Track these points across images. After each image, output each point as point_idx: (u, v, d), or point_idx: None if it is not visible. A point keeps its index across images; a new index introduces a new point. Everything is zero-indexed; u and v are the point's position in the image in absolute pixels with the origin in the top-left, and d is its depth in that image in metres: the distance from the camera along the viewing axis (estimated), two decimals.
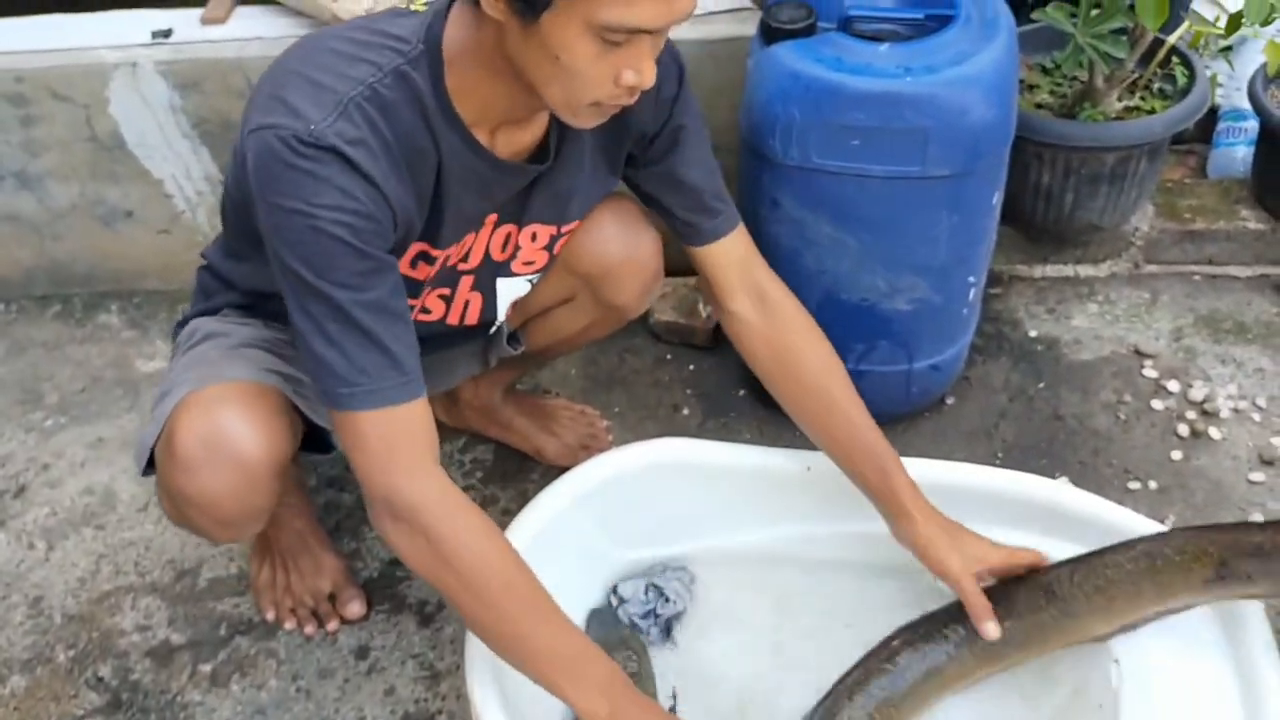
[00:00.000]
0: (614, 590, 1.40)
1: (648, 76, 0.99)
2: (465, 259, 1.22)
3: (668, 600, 1.39)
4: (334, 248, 0.99)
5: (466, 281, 1.25)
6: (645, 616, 1.39)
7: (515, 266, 1.27)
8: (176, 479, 1.14)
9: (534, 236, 1.26)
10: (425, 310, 1.25)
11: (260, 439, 1.15)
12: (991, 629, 1.18)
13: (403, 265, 1.14)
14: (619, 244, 1.34)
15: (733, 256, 1.29)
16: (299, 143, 0.97)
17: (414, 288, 1.18)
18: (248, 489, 1.16)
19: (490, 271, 1.26)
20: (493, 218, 1.20)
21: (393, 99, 1.02)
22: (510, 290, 1.30)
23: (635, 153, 1.26)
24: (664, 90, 1.19)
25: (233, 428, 1.13)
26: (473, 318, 1.29)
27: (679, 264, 1.45)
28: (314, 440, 1.28)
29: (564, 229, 1.28)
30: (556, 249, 1.30)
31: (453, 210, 1.13)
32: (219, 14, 1.81)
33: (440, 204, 1.12)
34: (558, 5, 0.93)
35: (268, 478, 1.17)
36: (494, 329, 1.40)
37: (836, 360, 1.29)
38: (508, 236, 1.24)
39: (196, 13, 1.83)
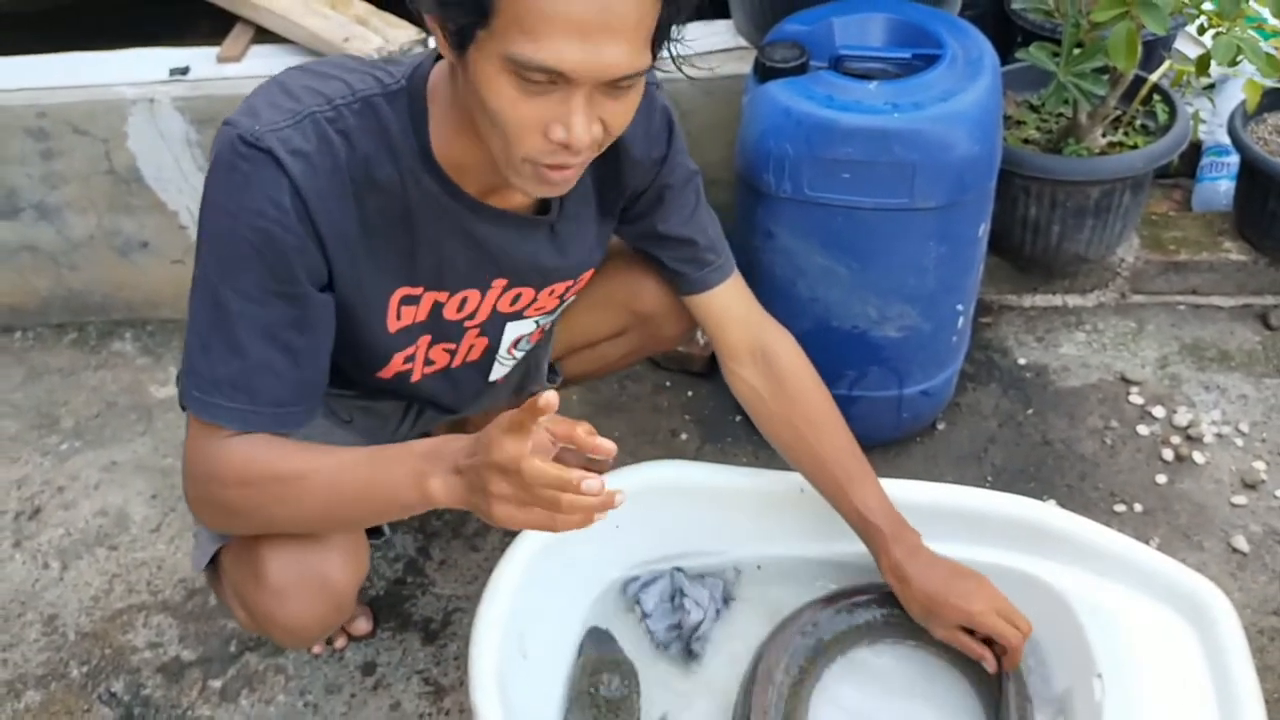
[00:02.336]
0: (637, 601, 1.41)
1: (576, 133, 0.92)
2: (472, 316, 1.21)
3: (687, 611, 1.38)
4: (244, 253, 0.98)
5: (472, 333, 1.25)
6: (670, 630, 1.39)
7: (528, 313, 1.27)
8: (265, 603, 1.13)
9: (552, 291, 1.26)
10: (429, 362, 1.23)
11: (350, 564, 1.15)
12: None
13: (391, 320, 1.14)
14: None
15: (730, 311, 1.31)
16: (241, 142, 0.96)
17: (406, 338, 1.17)
18: (335, 613, 1.17)
19: (499, 321, 1.26)
20: (500, 282, 1.19)
21: (356, 125, 1.01)
22: (517, 330, 1.30)
23: (621, 205, 1.26)
24: (653, 151, 1.21)
25: (324, 560, 1.13)
26: (474, 356, 1.29)
27: None
28: None
29: (581, 277, 1.28)
30: (570, 295, 1.30)
31: (431, 254, 1.11)
32: (234, 52, 1.88)
33: (413, 246, 1.10)
34: (479, 39, 0.90)
35: (353, 598, 1.19)
36: (530, 367, 1.42)
37: (844, 433, 1.31)
38: (518, 295, 1.22)
39: (213, 51, 1.90)
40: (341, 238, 1.03)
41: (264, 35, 1.92)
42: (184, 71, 1.86)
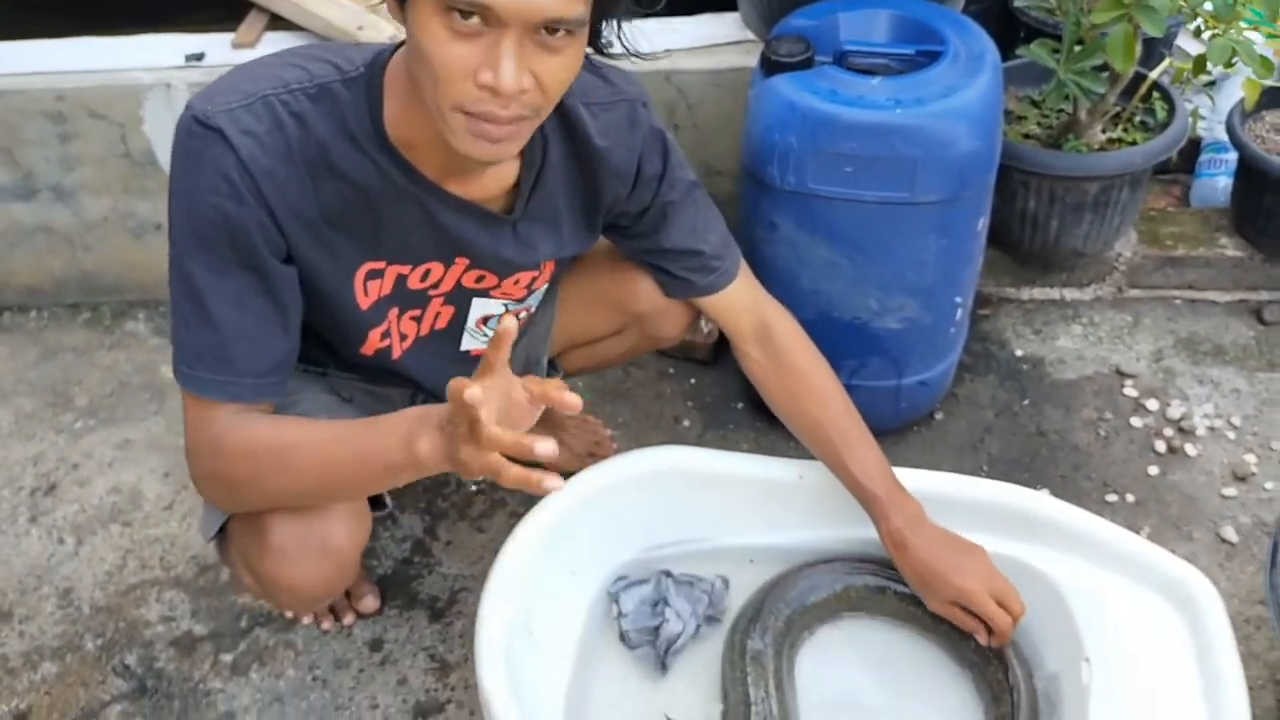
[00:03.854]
0: (615, 600, 1.44)
1: (503, 77, 0.93)
2: (436, 286, 1.22)
3: (666, 620, 1.40)
4: (203, 229, 1.02)
5: (437, 301, 1.26)
6: (643, 633, 1.40)
7: (494, 294, 1.28)
8: (269, 567, 1.16)
9: (517, 281, 1.27)
10: (403, 336, 1.25)
11: (351, 528, 1.19)
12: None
13: (359, 296, 1.16)
14: None
15: (738, 304, 1.35)
16: (194, 122, 1.00)
17: (378, 314, 1.19)
18: (338, 575, 1.21)
19: (464, 293, 1.26)
20: (463, 261, 1.20)
21: (311, 109, 1.03)
22: (484, 308, 1.30)
23: (622, 224, 1.29)
24: (646, 168, 1.23)
25: (326, 521, 1.16)
26: (441, 324, 1.29)
27: None
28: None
29: (545, 271, 1.29)
30: (538, 286, 1.31)
31: (394, 232, 1.13)
32: (249, 38, 1.91)
33: (377, 226, 1.12)
34: None
35: (355, 561, 1.23)
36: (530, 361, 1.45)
37: (843, 402, 1.35)
38: (481, 276, 1.24)
39: (228, 37, 1.94)
40: (299, 218, 1.06)
41: (278, 22, 1.95)
42: (199, 57, 1.89)
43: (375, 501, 1.30)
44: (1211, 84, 2.12)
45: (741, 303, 1.35)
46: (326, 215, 1.08)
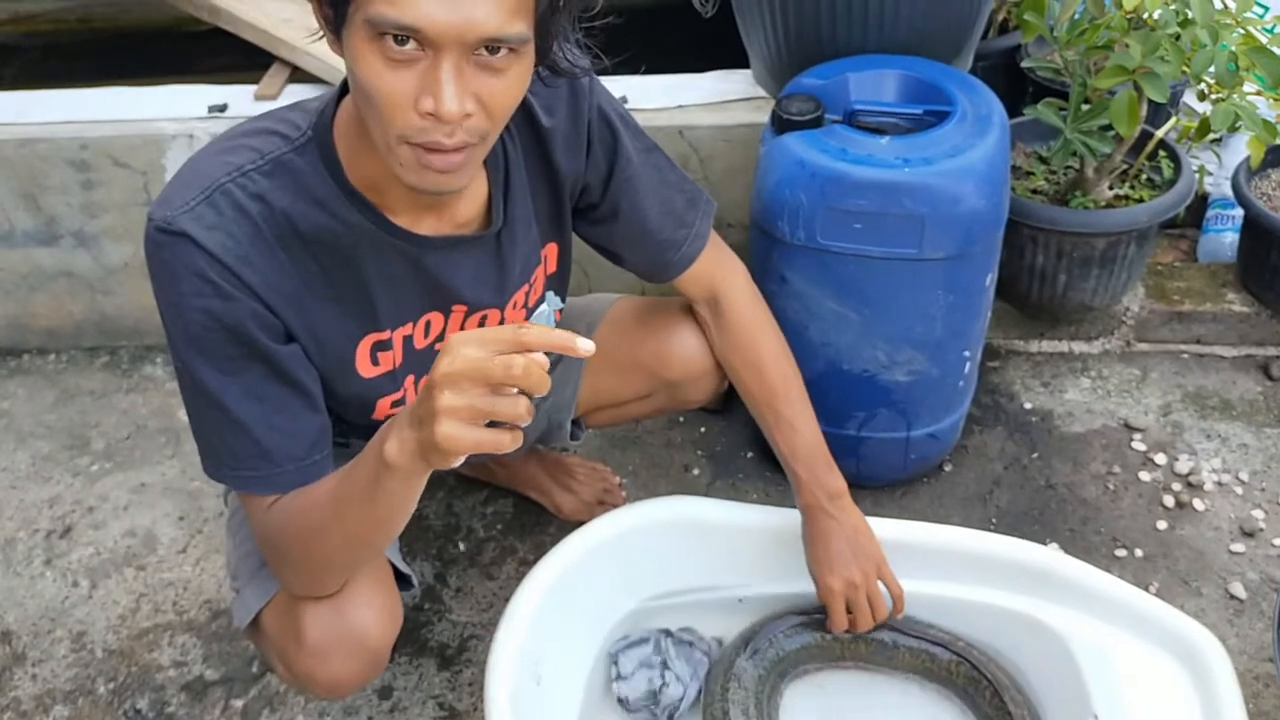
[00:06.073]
0: (614, 661, 1.43)
1: (444, 102, 0.89)
2: (440, 338, 1.21)
3: (667, 684, 1.40)
4: (198, 334, 1.01)
5: None
6: (643, 698, 1.40)
7: None
8: (306, 665, 1.17)
9: (515, 304, 1.25)
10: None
11: (386, 623, 1.20)
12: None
13: (363, 366, 1.15)
14: (704, 354, 1.42)
15: (699, 278, 1.35)
16: (158, 231, 0.99)
17: (390, 383, 1.19)
18: (372, 670, 1.21)
19: None
20: (461, 308, 1.19)
21: (268, 185, 1.02)
22: None
23: (589, 204, 1.26)
24: (596, 135, 1.20)
25: (362, 620, 1.17)
26: None
27: None
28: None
29: (535, 278, 1.26)
30: (530, 301, 1.28)
31: (386, 291, 1.12)
32: (271, 90, 1.96)
33: (366, 289, 1.11)
34: (349, 14, 0.90)
35: (388, 654, 1.23)
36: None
37: (779, 375, 1.37)
38: (484, 318, 1.23)
39: (251, 89, 1.98)
40: (284, 296, 1.05)
41: (300, 74, 2.00)
42: (222, 109, 1.93)
43: (404, 582, 1.31)
44: (1218, 141, 2.15)
45: (700, 277, 1.35)
46: (312, 287, 1.07)
